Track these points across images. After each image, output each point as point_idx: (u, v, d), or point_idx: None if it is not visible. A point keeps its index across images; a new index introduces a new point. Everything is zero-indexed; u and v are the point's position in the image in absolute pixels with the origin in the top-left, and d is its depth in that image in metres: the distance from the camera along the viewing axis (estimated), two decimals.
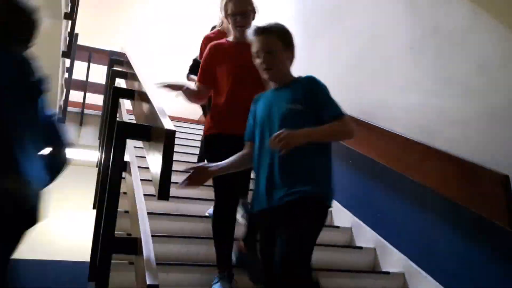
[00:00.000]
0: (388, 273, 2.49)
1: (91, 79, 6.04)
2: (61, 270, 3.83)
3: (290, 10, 4.81)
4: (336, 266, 2.54)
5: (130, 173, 2.21)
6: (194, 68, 3.35)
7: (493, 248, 2.00)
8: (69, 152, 1.81)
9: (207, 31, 3.07)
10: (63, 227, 4.88)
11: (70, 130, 5.90)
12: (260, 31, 1.78)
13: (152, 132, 1.65)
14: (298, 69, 1.90)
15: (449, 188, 2.20)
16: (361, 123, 2.90)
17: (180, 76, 3.51)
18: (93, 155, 5.33)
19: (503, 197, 1.90)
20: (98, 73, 5.75)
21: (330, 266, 2.50)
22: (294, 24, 4.46)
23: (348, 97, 3.21)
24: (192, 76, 3.28)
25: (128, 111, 3.39)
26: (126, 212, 2.40)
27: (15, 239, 1.49)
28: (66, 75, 5.89)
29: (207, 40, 2.70)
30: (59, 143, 1.80)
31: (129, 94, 2.62)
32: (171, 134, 1.35)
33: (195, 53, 3.42)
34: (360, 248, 2.72)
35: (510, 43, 2.02)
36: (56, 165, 1.77)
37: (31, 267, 3.82)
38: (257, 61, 1.80)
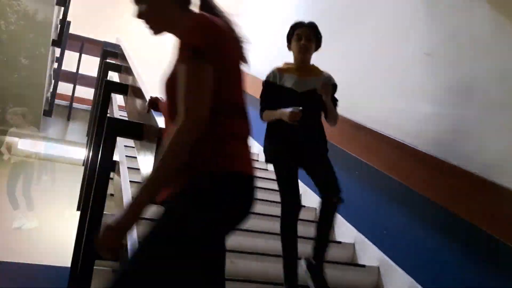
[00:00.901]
0: None
1: (82, 71, 6.04)
2: (39, 275, 3.81)
3: (299, 13, 4.82)
4: (336, 284, 2.52)
5: (118, 173, 2.20)
6: (268, 98, 2.44)
7: (509, 273, 1.98)
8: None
9: None
10: (44, 229, 4.87)
11: (56, 124, 5.91)
12: None
13: (145, 130, 1.64)
14: None
15: (461, 206, 2.18)
16: (372, 132, 2.88)
17: None
18: (80, 153, 5.32)
19: None
20: (90, 65, 5.74)
21: (330, 285, 2.47)
22: None
23: (358, 104, 3.21)
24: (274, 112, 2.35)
25: (120, 107, 3.38)
26: (113, 215, 2.37)
27: None
28: (56, 65, 5.89)
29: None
30: None
31: (122, 88, 2.62)
32: None
33: None
34: (363, 266, 2.70)
35: None
36: None
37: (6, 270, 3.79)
38: None
